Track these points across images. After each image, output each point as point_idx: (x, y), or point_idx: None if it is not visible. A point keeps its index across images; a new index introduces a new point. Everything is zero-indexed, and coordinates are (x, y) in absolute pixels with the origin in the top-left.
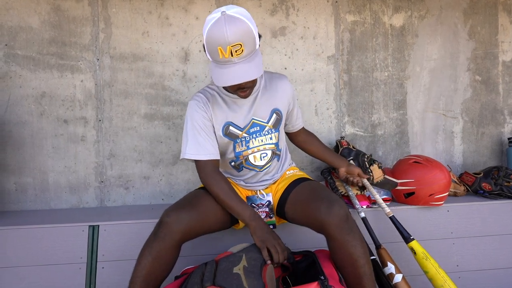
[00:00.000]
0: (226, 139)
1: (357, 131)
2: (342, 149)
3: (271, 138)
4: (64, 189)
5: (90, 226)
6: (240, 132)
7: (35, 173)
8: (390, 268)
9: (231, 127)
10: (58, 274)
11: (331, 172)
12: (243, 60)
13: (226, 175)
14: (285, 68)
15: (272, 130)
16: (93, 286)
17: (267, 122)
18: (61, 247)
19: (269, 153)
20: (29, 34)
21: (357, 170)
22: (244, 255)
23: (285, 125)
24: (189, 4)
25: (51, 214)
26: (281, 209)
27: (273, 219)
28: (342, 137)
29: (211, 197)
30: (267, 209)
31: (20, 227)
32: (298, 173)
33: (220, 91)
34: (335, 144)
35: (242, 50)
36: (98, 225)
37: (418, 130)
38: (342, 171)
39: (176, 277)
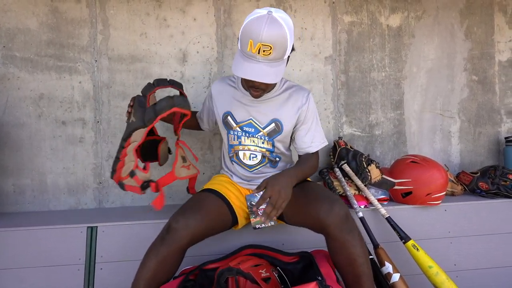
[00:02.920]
0: (223, 127)
1: (355, 131)
2: (340, 149)
3: (262, 143)
4: (62, 191)
5: (88, 227)
6: (234, 125)
7: (33, 174)
8: (388, 267)
9: (229, 117)
10: (56, 276)
11: (329, 172)
12: (267, 63)
13: (225, 170)
14: None
15: (266, 137)
16: (91, 287)
17: (263, 128)
18: (60, 249)
19: (259, 155)
20: (27, 36)
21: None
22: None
23: (292, 139)
24: (186, 6)
25: (49, 215)
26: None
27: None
28: (340, 137)
29: (214, 199)
30: (265, 206)
31: (18, 229)
32: None
33: (237, 84)
34: (332, 144)
35: (270, 53)
36: (97, 227)
37: (416, 130)
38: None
39: (174, 277)
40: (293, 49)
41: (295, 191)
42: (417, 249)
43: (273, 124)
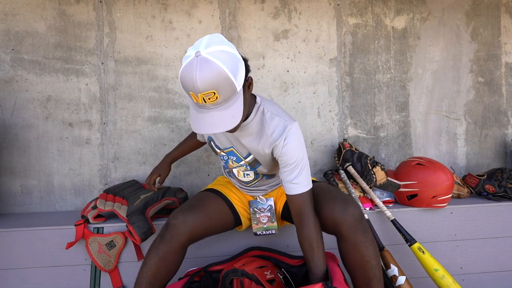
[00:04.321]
0: (211, 149)
1: (360, 133)
2: (345, 151)
3: (248, 169)
4: (69, 192)
5: (95, 228)
6: (218, 151)
7: (40, 175)
8: (394, 270)
9: (212, 143)
10: (63, 276)
11: (334, 174)
12: (218, 107)
13: (228, 178)
14: (288, 71)
15: (249, 167)
16: (97, 287)
17: (245, 158)
18: (66, 249)
19: (252, 173)
20: (35, 39)
21: None
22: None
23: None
24: (192, 8)
25: (56, 216)
26: (287, 212)
27: (275, 224)
28: (344, 139)
29: (215, 198)
30: (268, 214)
31: (26, 229)
32: None
33: None
34: (337, 146)
35: (217, 97)
36: (103, 227)
37: (421, 132)
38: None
39: (179, 279)
40: (248, 71)
41: None
42: (423, 252)
43: (252, 156)
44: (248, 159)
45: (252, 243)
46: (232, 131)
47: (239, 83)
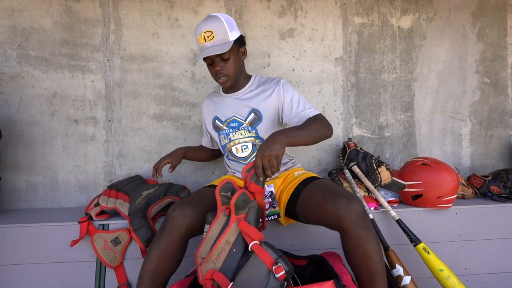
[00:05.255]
0: (214, 132)
1: (365, 132)
2: (350, 150)
3: (249, 132)
4: (73, 188)
5: (100, 224)
6: (221, 125)
7: (45, 171)
8: (399, 270)
9: (216, 120)
10: (68, 272)
11: (338, 173)
12: (214, 45)
13: (229, 171)
14: (293, 70)
15: (249, 128)
16: (102, 284)
17: (245, 120)
18: (71, 247)
19: (250, 145)
20: (41, 35)
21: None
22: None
23: (285, 123)
24: (198, 6)
25: (61, 212)
26: (291, 208)
27: (277, 208)
28: (349, 139)
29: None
30: (270, 199)
31: (30, 225)
32: (307, 173)
33: (219, 92)
34: (342, 145)
35: (213, 36)
36: (108, 224)
37: (426, 132)
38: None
39: (186, 276)
40: (243, 38)
41: (310, 187)
42: (428, 252)
43: (252, 114)
44: (248, 119)
45: None
46: (224, 82)
47: (232, 36)
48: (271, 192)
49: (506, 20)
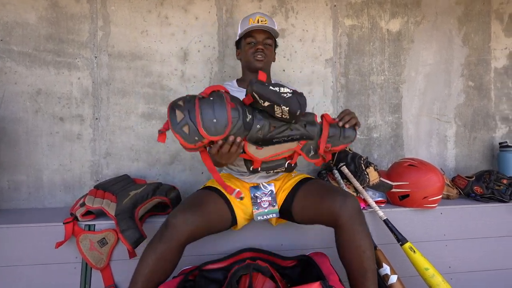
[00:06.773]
0: None
1: None
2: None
3: None
4: (58, 188)
5: (86, 225)
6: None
7: (29, 171)
8: (386, 269)
9: None
10: (53, 274)
11: (328, 174)
12: (264, 27)
13: (228, 168)
14: (284, 70)
15: None
16: (88, 285)
17: None
18: (56, 248)
19: None
20: (25, 30)
21: None
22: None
23: None
24: (188, 4)
25: (45, 212)
26: (287, 207)
27: (276, 207)
28: None
29: (215, 197)
30: (269, 198)
31: (13, 226)
32: (303, 174)
33: (232, 86)
34: None
35: (266, 22)
36: (94, 224)
37: (413, 134)
38: None
39: (174, 277)
40: (276, 45)
41: (306, 186)
42: (414, 251)
43: None
44: None
45: (247, 242)
46: (260, 60)
47: (276, 34)
48: (271, 191)
49: (490, 25)
